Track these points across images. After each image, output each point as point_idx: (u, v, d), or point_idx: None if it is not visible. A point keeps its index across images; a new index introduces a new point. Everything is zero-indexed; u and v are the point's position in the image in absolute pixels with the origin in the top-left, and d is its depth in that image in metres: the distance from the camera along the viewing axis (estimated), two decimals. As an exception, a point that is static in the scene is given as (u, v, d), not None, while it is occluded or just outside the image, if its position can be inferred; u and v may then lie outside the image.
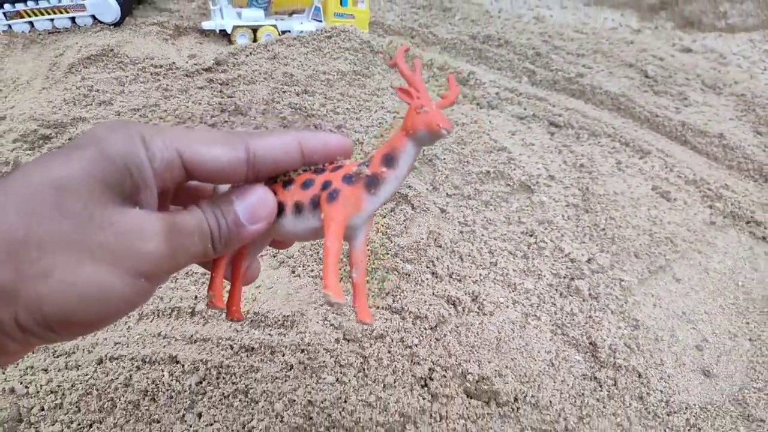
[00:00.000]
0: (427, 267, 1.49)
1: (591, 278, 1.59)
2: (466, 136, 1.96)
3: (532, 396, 1.31)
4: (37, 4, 2.11)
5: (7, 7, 2.10)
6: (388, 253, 1.47)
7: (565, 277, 1.58)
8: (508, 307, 1.47)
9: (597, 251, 1.69)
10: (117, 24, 2.23)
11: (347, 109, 1.95)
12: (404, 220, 1.56)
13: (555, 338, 1.44)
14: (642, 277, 1.66)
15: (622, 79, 2.50)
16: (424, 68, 2.27)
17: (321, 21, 2.27)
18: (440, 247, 1.54)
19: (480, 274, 1.53)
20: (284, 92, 1.92)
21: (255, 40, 2.17)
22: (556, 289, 1.54)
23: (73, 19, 2.20)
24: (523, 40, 2.64)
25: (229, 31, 2.13)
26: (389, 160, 0.44)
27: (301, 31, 2.19)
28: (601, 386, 1.36)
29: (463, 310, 1.43)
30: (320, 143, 0.48)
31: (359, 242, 0.48)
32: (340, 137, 0.51)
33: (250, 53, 2.04)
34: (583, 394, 1.33)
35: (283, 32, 2.20)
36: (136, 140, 0.40)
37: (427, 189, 1.72)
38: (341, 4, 2.18)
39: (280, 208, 0.46)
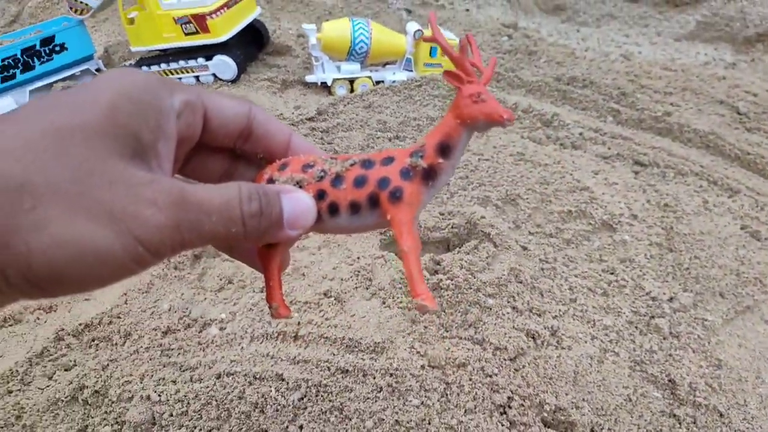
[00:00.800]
0: (508, 301, 1.60)
1: (672, 317, 1.63)
2: (549, 176, 2.05)
3: (609, 429, 1.37)
4: (169, 65, 2.45)
5: (144, 68, 2.44)
6: (471, 288, 1.59)
7: (645, 315, 1.62)
8: (586, 342, 1.54)
9: (680, 290, 1.72)
10: (234, 81, 2.54)
11: (435, 152, 2.10)
12: (486, 257, 1.67)
13: (633, 374, 1.49)
14: (727, 317, 1.67)
15: (711, 116, 2.50)
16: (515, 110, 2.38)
17: (412, 71, 2.46)
18: (521, 282, 1.64)
19: (559, 310, 1.61)
20: (378, 138, 2.11)
21: (352, 91, 2.38)
22: (636, 327, 1.59)
23: (197, 77, 2.54)
24: (609, 80, 2.70)
25: (329, 84, 2.36)
26: (445, 150, 0.42)
27: (394, 81, 2.38)
28: (680, 423, 1.39)
29: (542, 344, 1.52)
30: (308, 149, 0.48)
31: (414, 231, 0.45)
32: (317, 150, 0.51)
33: (348, 103, 2.25)
34: (661, 430, 1.38)
35: (378, 82, 2.41)
36: (158, 84, 0.39)
37: (509, 227, 1.82)
38: (430, 54, 2.36)
39: (334, 208, 0.44)
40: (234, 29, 2.34)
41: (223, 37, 2.30)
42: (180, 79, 2.52)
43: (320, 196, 0.44)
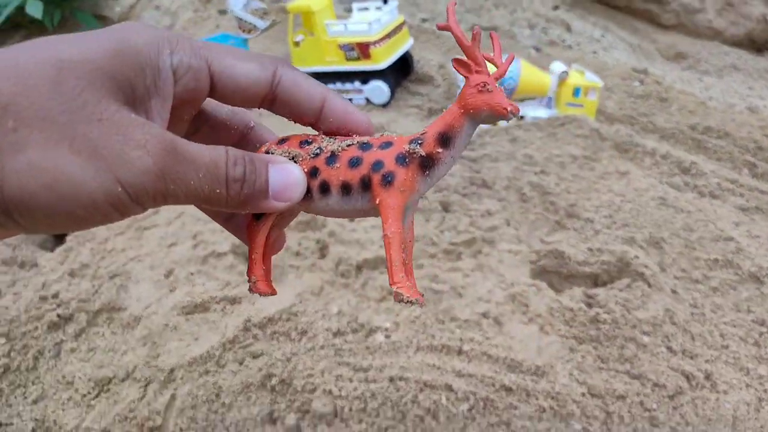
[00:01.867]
0: (662, 341, 1.66)
1: (827, 374, 1.64)
2: (692, 223, 2.10)
3: (770, 475, 1.41)
4: (334, 86, 2.64)
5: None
6: (627, 324, 1.66)
7: (799, 369, 1.64)
8: (741, 388, 1.58)
9: (833, 348, 1.73)
10: (385, 105, 2.72)
11: (579, 189, 2.19)
12: (641, 296, 1.74)
13: (790, 426, 1.52)
14: None
15: None
16: (646, 156, 2.44)
17: (551, 109, 2.56)
18: (674, 324, 1.70)
19: (711, 354, 1.66)
20: (524, 171, 2.21)
21: (494, 124, 2.50)
22: (791, 380, 1.62)
23: (350, 100, 2.72)
24: (744, 133, 2.72)
25: (474, 115, 2.48)
26: (445, 140, 0.40)
27: (534, 117, 2.49)
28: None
29: (697, 385, 1.57)
30: (342, 112, 0.45)
31: (408, 222, 0.45)
32: (365, 117, 0.47)
33: (493, 135, 2.37)
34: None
35: (520, 117, 2.52)
36: (163, 42, 0.38)
37: (658, 269, 1.88)
38: (574, 94, 2.45)
39: (326, 187, 0.42)
40: (392, 57, 2.52)
41: (383, 65, 2.48)
42: (350, 99, 2.72)
43: (313, 173, 0.43)
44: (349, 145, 0.43)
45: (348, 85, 2.68)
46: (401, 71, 2.84)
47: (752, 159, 2.58)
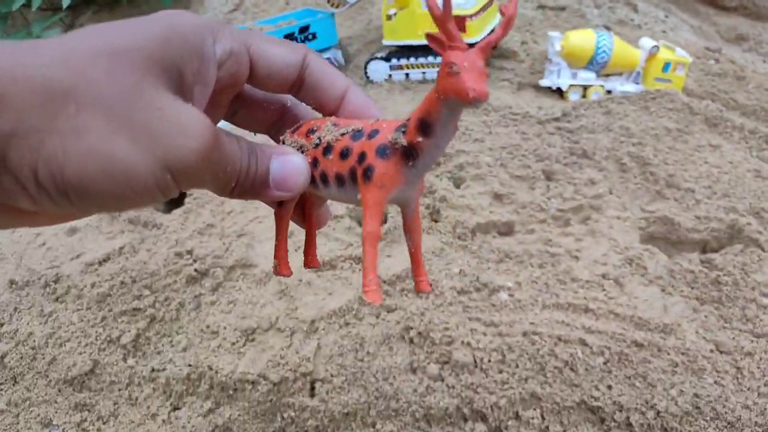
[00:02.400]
0: (781, 303, 1.71)
1: None
2: (791, 195, 2.15)
3: None
4: (417, 59, 2.70)
5: (393, 61, 2.71)
6: (747, 286, 1.72)
7: None
8: None
9: None
10: None
11: (675, 161, 2.23)
12: (758, 260, 1.79)
13: None
14: None
15: None
16: (734, 130, 2.48)
17: (638, 84, 2.60)
18: (791, 287, 1.75)
19: (829, 317, 1.71)
20: (621, 142, 2.26)
21: (584, 97, 2.55)
22: None
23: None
24: (826, 111, 2.75)
25: (564, 89, 2.53)
26: (425, 128, 0.37)
27: (623, 92, 2.53)
28: None
29: (820, 345, 1.63)
30: (361, 105, 0.46)
31: (410, 210, 0.44)
32: (374, 109, 0.47)
33: (587, 108, 2.42)
34: None
35: (608, 91, 2.56)
36: (207, 30, 0.39)
37: (760, 236, 1.93)
38: (663, 69, 2.49)
39: (324, 178, 0.43)
40: (485, 31, 2.56)
41: (477, 38, 2.52)
42: (423, 73, 2.77)
43: (314, 164, 0.43)
44: (343, 134, 0.43)
45: (440, 59, 2.69)
46: (487, 47, 2.85)
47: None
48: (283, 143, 0.47)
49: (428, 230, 1.97)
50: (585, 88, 2.53)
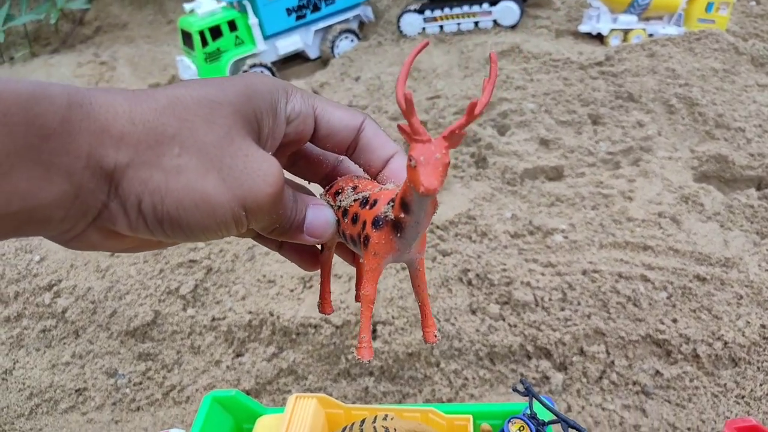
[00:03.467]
0: None
1: None
2: None
3: None
4: (452, 10, 2.65)
5: (426, 13, 2.67)
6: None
7: None
8: None
9: None
10: (513, 27, 2.72)
11: (723, 101, 2.18)
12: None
13: None
14: None
15: None
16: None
17: (680, 26, 2.53)
18: None
19: None
20: (668, 84, 2.21)
21: (625, 41, 2.50)
22: None
23: (476, 23, 2.74)
24: None
25: (605, 34, 2.48)
26: (405, 207, 0.39)
27: (665, 34, 2.47)
28: None
29: None
30: (397, 170, 0.49)
31: (413, 269, 0.47)
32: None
33: (630, 51, 2.37)
34: None
35: (649, 35, 2.50)
36: (281, 91, 0.43)
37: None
38: (706, 9, 2.42)
39: (345, 237, 0.47)
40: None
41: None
42: (458, 24, 2.72)
43: (338, 222, 0.47)
44: (355, 200, 0.46)
45: (476, 8, 2.68)
46: (522, -5, 2.84)
47: None
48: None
49: (476, 177, 1.95)
50: (626, 32, 2.47)
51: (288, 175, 0.53)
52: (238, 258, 1.77)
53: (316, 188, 0.54)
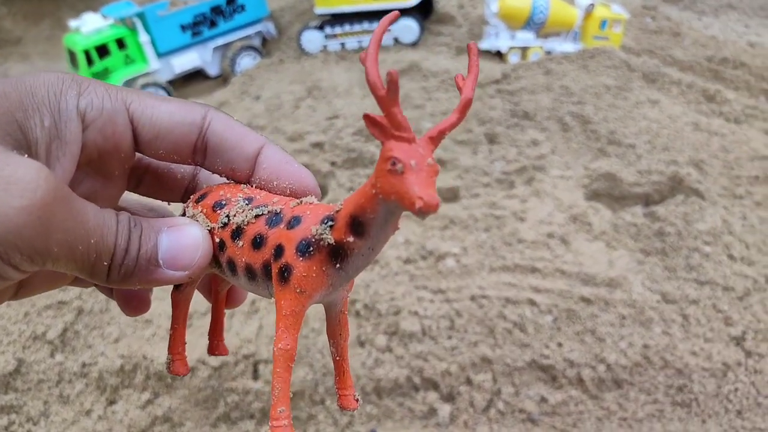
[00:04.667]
0: (723, 250, 1.72)
1: None
2: (728, 145, 2.17)
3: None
4: (352, 27, 2.61)
5: (327, 30, 2.62)
6: (689, 236, 1.72)
7: None
8: (801, 289, 1.66)
9: None
10: (414, 44, 2.70)
11: (615, 118, 2.23)
12: (698, 209, 1.80)
13: None
14: None
15: None
16: (672, 85, 2.49)
17: (577, 42, 2.59)
18: (731, 234, 1.77)
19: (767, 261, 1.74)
20: (562, 102, 2.24)
21: (523, 58, 2.52)
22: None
23: (377, 40, 2.67)
24: (758, 63, 2.80)
25: (503, 51, 2.50)
26: (357, 227, 0.30)
27: (562, 51, 2.52)
28: None
29: (761, 288, 1.64)
30: (279, 162, 0.38)
31: (335, 312, 0.36)
32: (306, 172, 0.39)
33: (527, 69, 2.39)
34: None
35: (547, 52, 2.54)
36: (68, 84, 0.34)
37: (710, 184, 1.94)
38: (600, 27, 2.48)
39: (232, 266, 0.35)
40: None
41: (412, 2, 2.45)
42: (359, 42, 2.68)
43: (221, 246, 0.36)
44: (257, 216, 0.34)
45: (375, 25, 2.63)
46: (423, 12, 2.82)
47: (768, 87, 2.67)
48: (184, 214, 0.38)
49: (371, 200, 1.91)
50: (524, 49, 2.50)
51: (136, 197, 0.43)
52: (114, 296, 1.66)
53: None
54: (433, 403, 1.43)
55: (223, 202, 0.36)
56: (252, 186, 0.38)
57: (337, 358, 0.37)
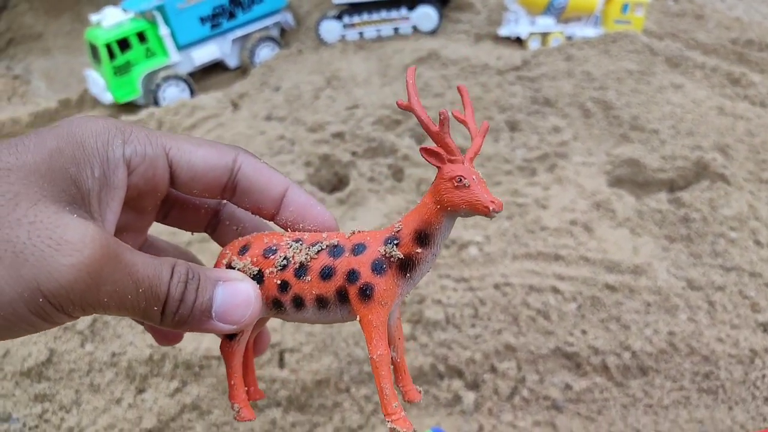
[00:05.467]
0: (749, 235, 1.70)
1: None
2: (753, 128, 2.13)
3: None
4: (371, 15, 2.61)
5: (345, 19, 2.61)
6: (715, 221, 1.70)
7: None
8: (831, 275, 1.64)
9: None
10: (433, 32, 2.68)
11: (639, 103, 2.20)
12: (724, 195, 1.78)
13: None
14: None
15: None
16: (696, 69, 2.45)
17: (598, 27, 2.55)
18: (758, 219, 1.74)
19: (796, 247, 1.71)
20: (584, 87, 2.22)
21: (544, 44, 2.50)
22: None
23: (396, 29, 2.69)
24: (783, 44, 2.74)
25: (523, 37, 2.48)
26: (423, 239, 0.36)
27: (583, 36, 2.49)
28: None
29: (789, 274, 1.62)
30: (303, 205, 0.42)
31: (394, 319, 0.41)
32: (327, 212, 0.44)
33: (548, 55, 2.37)
34: None
35: (568, 37, 2.51)
36: (113, 132, 0.36)
37: (735, 169, 1.92)
38: (622, 11, 2.45)
39: (299, 302, 0.38)
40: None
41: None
42: (378, 30, 2.68)
43: (283, 287, 0.39)
44: (318, 252, 0.39)
45: (394, 13, 2.63)
46: (442, -1, 2.82)
47: (795, 68, 2.61)
48: (230, 266, 0.41)
49: (392, 190, 1.91)
50: (545, 35, 2.48)
51: (162, 228, 0.46)
52: (141, 287, 1.69)
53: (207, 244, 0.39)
54: (458, 390, 1.44)
55: (274, 248, 0.40)
56: (274, 221, 0.43)
57: (398, 360, 0.42)
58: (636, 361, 1.44)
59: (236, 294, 0.37)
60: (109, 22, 2.59)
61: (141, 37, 2.65)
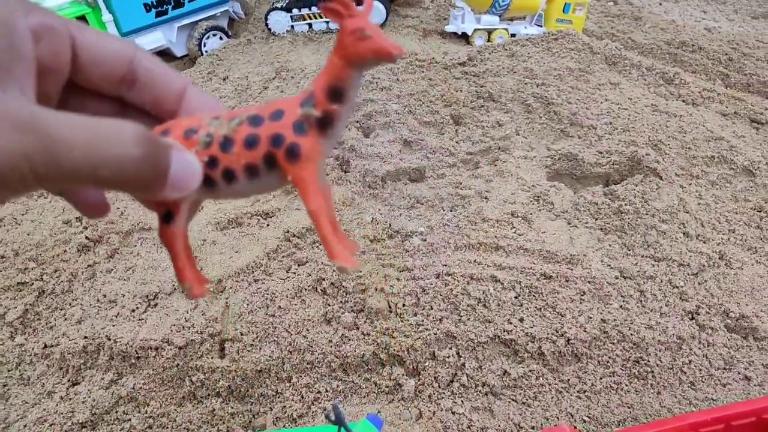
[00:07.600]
0: (678, 228, 1.78)
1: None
2: (685, 126, 2.23)
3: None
4: (318, 8, 2.59)
5: (294, 11, 2.59)
6: (647, 214, 1.77)
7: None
8: (753, 264, 1.73)
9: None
10: (381, 25, 2.69)
11: (577, 100, 2.27)
12: (656, 188, 1.85)
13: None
14: None
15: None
16: (632, 68, 2.54)
17: (541, 26, 2.62)
18: (687, 212, 1.83)
19: (722, 238, 1.80)
20: (526, 84, 2.27)
21: (488, 41, 2.54)
22: (794, 254, 1.78)
23: (343, 21, 2.65)
24: (715, 47, 2.87)
25: (469, 34, 2.51)
26: (337, 96, 0.37)
27: (527, 34, 2.54)
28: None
29: (715, 264, 1.71)
30: (206, 103, 0.42)
31: (322, 180, 0.41)
32: (221, 105, 0.44)
33: (492, 51, 2.41)
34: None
35: (512, 35, 2.56)
36: (15, 5, 0.35)
37: (667, 164, 2.00)
38: (563, 10, 2.51)
39: (231, 175, 0.39)
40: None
41: (380, -17, 2.45)
42: (327, 23, 2.67)
43: (212, 163, 0.39)
44: (239, 124, 0.39)
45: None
46: (390, -6, 2.82)
47: (724, 70, 2.74)
48: None
49: (338, 181, 1.92)
50: (489, 32, 2.52)
51: None
52: (76, 277, 1.64)
53: None
54: (399, 378, 1.45)
55: (195, 128, 0.40)
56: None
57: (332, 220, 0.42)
58: (570, 348, 1.49)
59: (188, 163, 0.37)
60: (49, 4, 2.49)
61: (82, 21, 2.55)
